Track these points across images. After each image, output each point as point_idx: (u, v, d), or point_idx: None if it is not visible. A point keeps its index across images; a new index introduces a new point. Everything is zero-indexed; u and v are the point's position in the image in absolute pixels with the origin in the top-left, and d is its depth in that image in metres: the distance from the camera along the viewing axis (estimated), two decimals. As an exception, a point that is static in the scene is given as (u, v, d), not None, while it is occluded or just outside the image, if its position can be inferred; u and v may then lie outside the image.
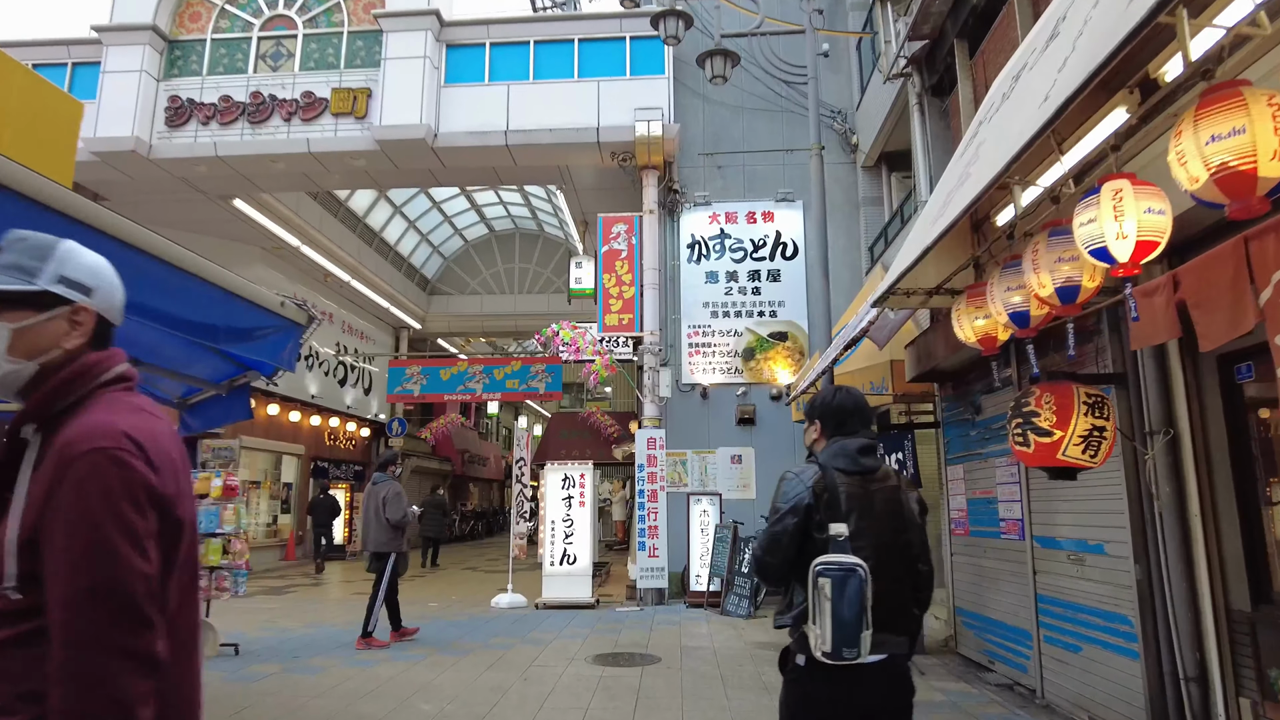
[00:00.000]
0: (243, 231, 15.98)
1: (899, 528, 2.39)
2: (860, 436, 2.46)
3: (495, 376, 19.27)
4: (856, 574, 2.19)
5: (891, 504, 2.40)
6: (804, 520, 2.31)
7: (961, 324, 4.11)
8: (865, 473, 2.40)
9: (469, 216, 23.63)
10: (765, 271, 12.28)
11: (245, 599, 11.64)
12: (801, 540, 2.31)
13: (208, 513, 7.02)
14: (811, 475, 2.37)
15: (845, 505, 2.32)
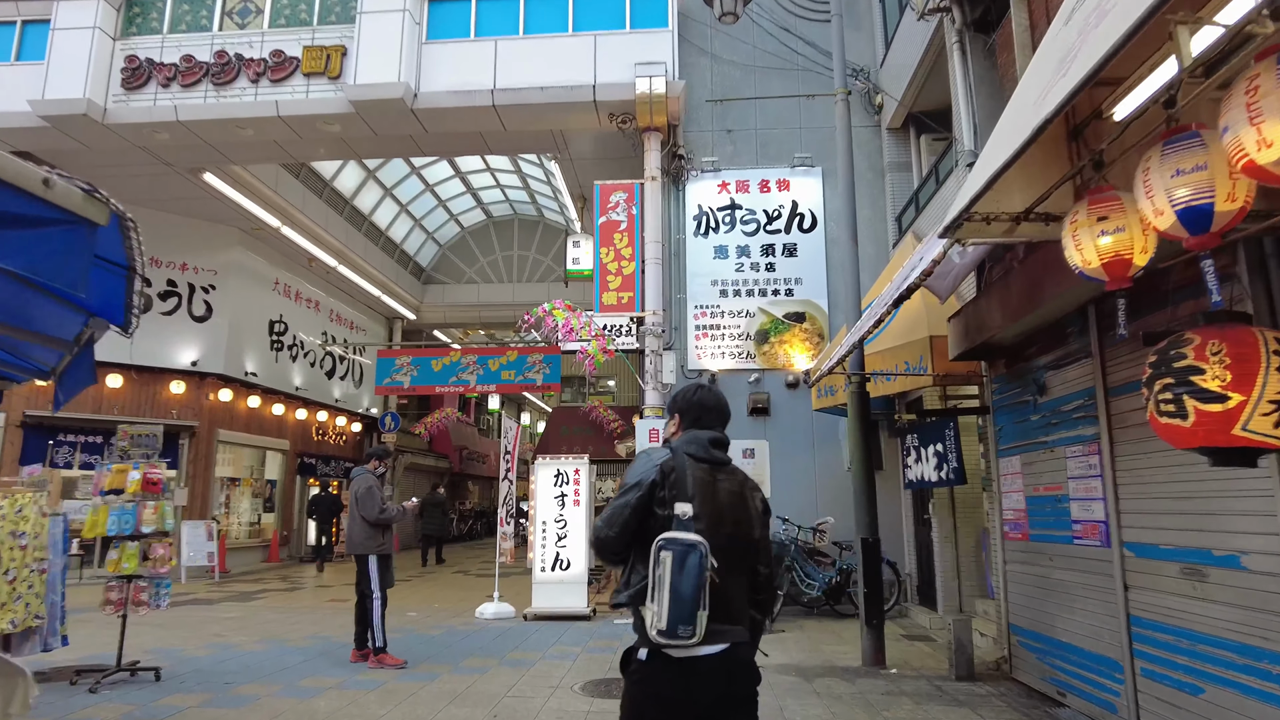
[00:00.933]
0: (219, 211, 14.91)
1: (740, 519, 2.41)
2: (715, 431, 2.51)
3: (490, 368, 18.14)
4: (697, 550, 2.18)
5: (735, 496, 2.43)
6: (647, 496, 2.33)
7: (1079, 243, 2.93)
8: (715, 463, 2.44)
9: (465, 201, 22.52)
10: (780, 246, 11.11)
11: (205, 606, 10.58)
12: (644, 516, 2.33)
13: (123, 511, 5.90)
14: (662, 455, 2.41)
15: (691, 488, 2.33)
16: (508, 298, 23.11)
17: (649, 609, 2.19)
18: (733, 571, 2.34)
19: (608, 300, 10.58)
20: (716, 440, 2.49)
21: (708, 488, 2.37)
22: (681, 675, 2.22)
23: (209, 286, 15.30)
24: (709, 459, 2.43)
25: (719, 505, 2.37)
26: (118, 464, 6.03)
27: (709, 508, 2.33)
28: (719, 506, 2.36)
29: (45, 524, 6.04)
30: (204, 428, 15.16)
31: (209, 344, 15.14)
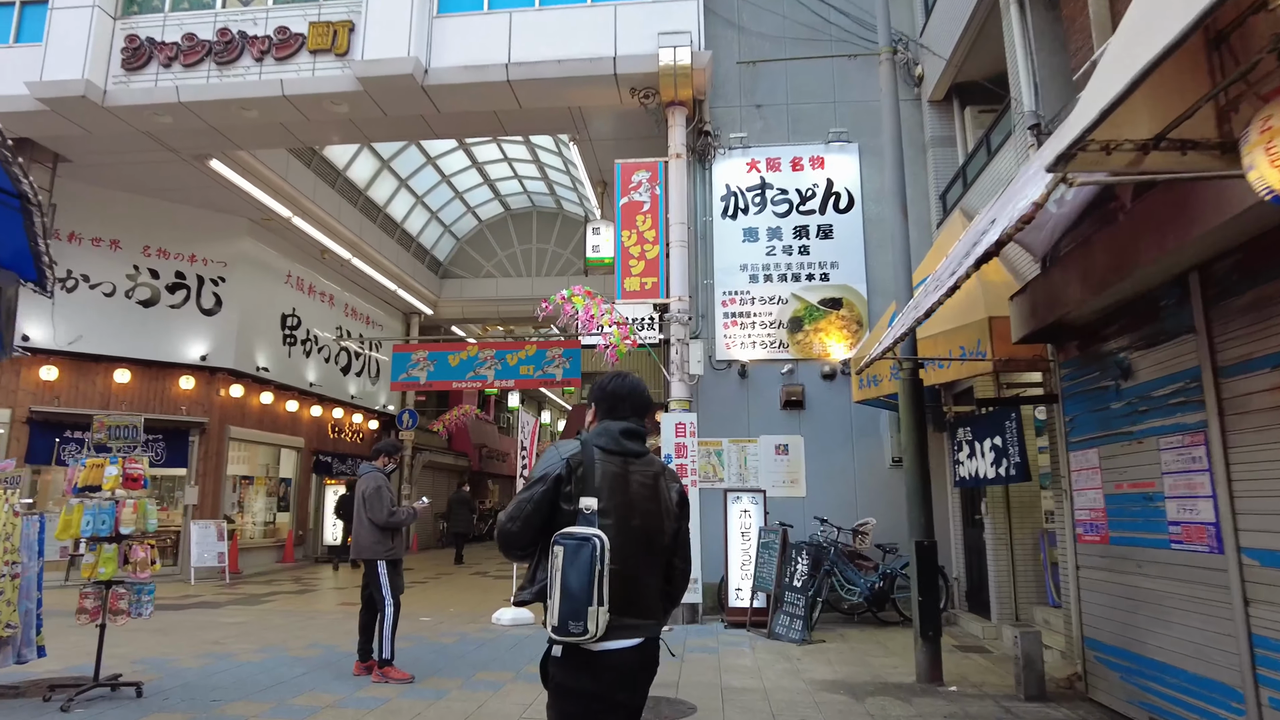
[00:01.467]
0: (228, 200, 14.45)
1: (652, 513, 2.37)
2: (629, 422, 2.45)
3: (508, 362, 17.62)
4: (590, 544, 2.14)
5: (648, 489, 2.39)
6: (553, 490, 2.29)
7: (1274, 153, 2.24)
8: (626, 454, 2.39)
9: (482, 193, 21.98)
10: (814, 227, 10.41)
11: (210, 610, 10.07)
12: (550, 511, 2.29)
13: (100, 510, 5.35)
14: (570, 448, 2.36)
15: (598, 481, 2.29)
16: (526, 292, 22.54)
17: (549, 604, 2.17)
18: (646, 564, 2.32)
19: (630, 286, 9.94)
20: (629, 431, 2.43)
21: (617, 480, 2.33)
22: (595, 670, 2.20)
23: (218, 279, 14.85)
24: (620, 450, 2.39)
25: (629, 498, 2.33)
26: (93, 458, 5.48)
27: (617, 500, 2.30)
28: (629, 499, 2.33)
29: (18, 524, 5.51)
30: (215, 424, 14.71)
31: (219, 338, 14.70)
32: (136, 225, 14.04)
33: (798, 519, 9.26)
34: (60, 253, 13.22)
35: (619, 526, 2.25)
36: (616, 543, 2.21)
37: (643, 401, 2.52)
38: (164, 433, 14.08)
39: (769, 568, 8.38)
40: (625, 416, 2.47)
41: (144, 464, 5.69)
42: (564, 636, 2.15)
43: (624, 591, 2.19)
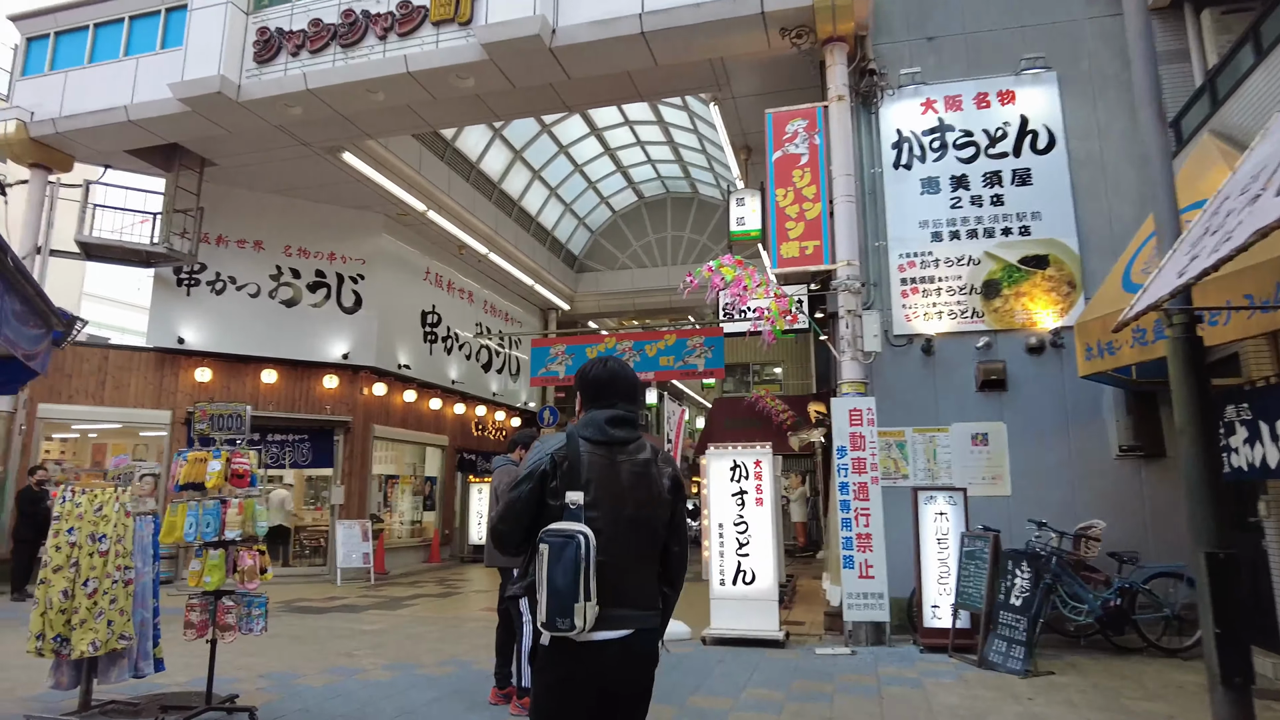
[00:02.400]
0: (364, 196, 14.29)
1: (642, 501, 2.33)
2: (616, 409, 2.41)
3: (647, 353, 16.64)
4: (575, 541, 2.14)
5: (637, 477, 2.34)
6: (539, 487, 2.28)
7: None
8: (614, 443, 2.36)
9: (615, 182, 21.23)
10: (1009, 173, 8.73)
11: (350, 614, 9.62)
12: (538, 508, 2.27)
13: (205, 511, 4.69)
14: (555, 443, 2.34)
15: (585, 474, 2.27)
16: (662, 281, 21.61)
17: (538, 600, 2.16)
18: (637, 555, 2.30)
19: (787, 252, 8.64)
20: (616, 419, 2.39)
21: (606, 470, 2.31)
22: (582, 660, 2.18)
23: (357, 276, 14.74)
24: (607, 440, 2.35)
25: (619, 488, 2.30)
26: (195, 451, 4.85)
27: (606, 491, 2.28)
28: (619, 489, 2.30)
29: (130, 525, 4.94)
30: (359, 423, 14.60)
31: (360, 336, 14.57)
32: (278, 226, 14.11)
33: (1002, 522, 7.65)
34: (209, 255, 13.44)
35: (609, 518, 2.24)
36: (607, 534, 2.20)
37: (629, 386, 2.48)
38: (309, 432, 14.07)
39: (976, 581, 6.87)
40: (612, 404, 2.42)
41: (251, 459, 5.02)
42: (553, 631, 2.14)
43: (614, 583, 2.19)
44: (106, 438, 14.96)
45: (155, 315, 13.07)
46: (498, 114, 11.50)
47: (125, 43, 11.65)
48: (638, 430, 2.44)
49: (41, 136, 11.82)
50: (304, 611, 9.88)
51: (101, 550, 4.83)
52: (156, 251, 12.15)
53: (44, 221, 12.13)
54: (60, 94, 11.72)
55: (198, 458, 4.79)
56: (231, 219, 13.72)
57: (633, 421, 2.43)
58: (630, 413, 2.43)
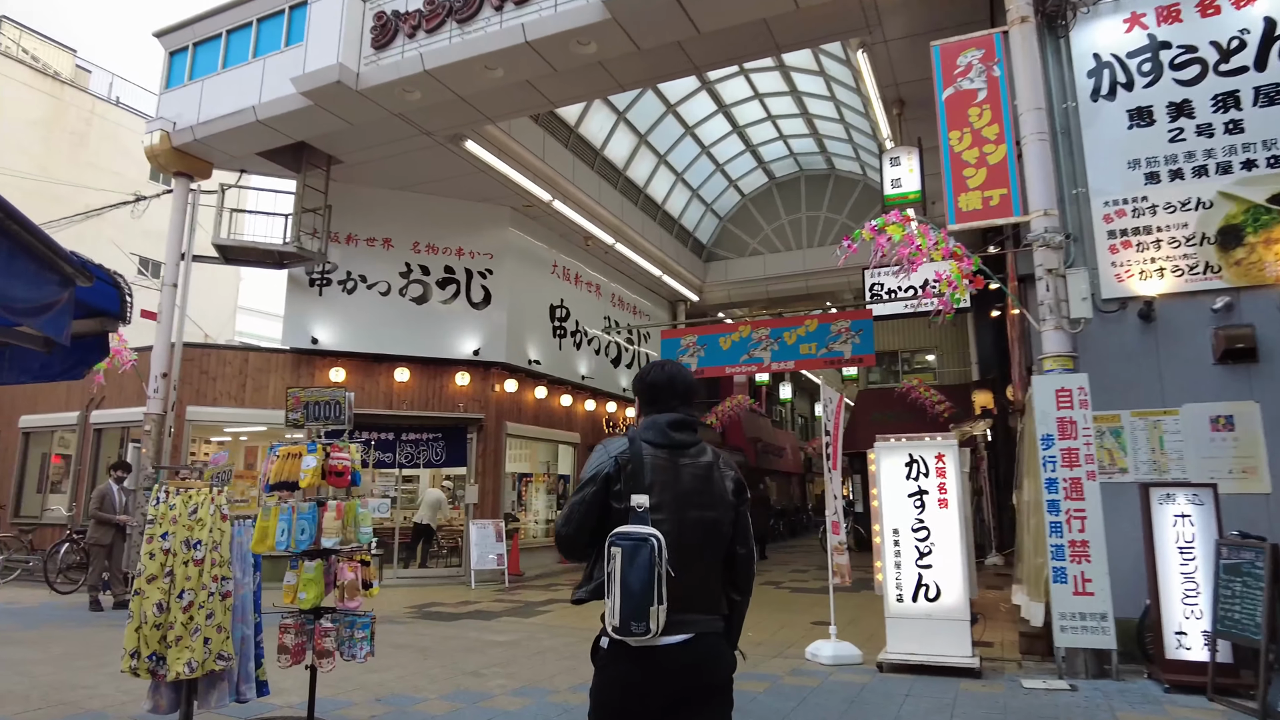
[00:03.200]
0: (489, 189, 13.90)
1: (706, 504, 2.30)
2: (676, 412, 2.40)
3: (786, 341, 15.46)
4: (649, 544, 2.11)
5: (700, 481, 2.32)
6: (603, 490, 2.26)
7: None
8: (676, 447, 2.33)
9: (744, 163, 20.10)
10: (1250, 92, 7.00)
11: (481, 621, 9.03)
12: (602, 511, 2.25)
13: (299, 515, 4.04)
14: (618, 446, 2.32)
15: (649, 477, 2.25)
16: (797, 266, 20.29)
17: (607, 604, 2.13)
18: (701, 559, 2.27)
19: (967, 204, 7.28)
20: (676, 422, 2.37)
21: (668, 474, 2.28)
22: (642, 664, 2.16)
23: (485, 271, 14.37)
24: (669, 443, 2.33)
25: (682, 492, 2.28)
26: (287, 445, 4.21)
27: (670, 495, 2.25)
28: (682, 493, 2.28)
29: (227, 530, 4.37)
30: (491, 420, 14.23)
31: (490, 332, 14.19)
32: (406, 222, 13.94)
33: (1263, 526, 6.04)
34: (339, 255, 13.39)
35: (673, 521, 2.22)
36: (672, 538, 2.17)
37: (686, 388, 2.46)
38: (443, 430, 13.81)
39: (1245, 604, 5.35)
40: (672, 407, 2.41)
41: (353, 453, 4.35)
42: (626, 636, 2.10)
43: (677, 587, 2.14)
44: (254, 440, 15.33)
45: (289, 316, 13.15)
46: (621, 82, 10.67)
47: (254, 45, 11.69)
48: (698, 433, 2.44)
49: (183, 145, 12.06)
50: (435, 618, 9.41)
51: (196, 559, 4.29)
52: (288, 251, 12.16)
53: (187, 228, 12.39)
54: (198, 102, 11.91)
55: (290, 453, 4.16)
56: (360, 217, 13.65)
57: (693, 425, 2.42)
58: (690, 416, 2.42)
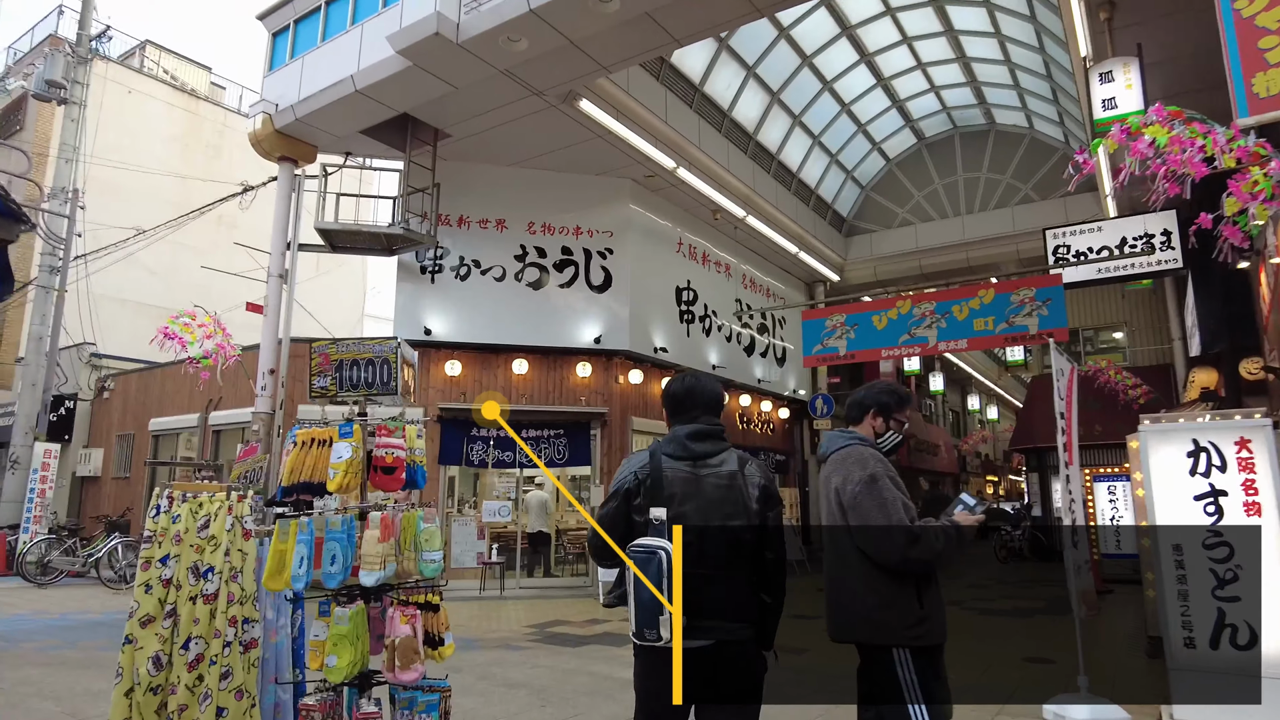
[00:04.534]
0: (607, 159, 12.56)
1: (728, 514, 2.37)
2: (698, 422, 2.49)
3: (955, 316, 13.30)
4: (657, 556, 2.21)
5: (722, 490, 2.39)
6: (624, 505, 2.40)
7: None
8: (695, 458, 2.43)
9: (889, 122, 17.89)
10: None
11: (609, 648, 7.55)
12: (626, 523, 2.38)
13: (329, 534, 2.64)
14: (639, 460, 2.47)
15: (668, 489, 2.35)
16: (956, 235, 17.88)
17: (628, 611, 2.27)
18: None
19: (1268, 87, 5.14)
20: (696, 433, 2.47)
21: (688, 485, 2.37)
22: (669, 666, 2.24)
23: (605, 251, 13.02)
24: (687, 455, 2.43)
25: (704, 502, 2.36)
26: (308, 429, 2.82)
27: (691, 506, 2.34)
28: (702, 503, 2.36)
29: (251, 552, 3.04)
30: (615, 414, 12.86)
31: (612, 318, 12.83)
32: (519, 201, 12.78)
33: None
34: (451, 238, 12.40)
35: (696, 532, 2.30)
36: (695, 547, 2.28)
37: (709, 397, 2.55)
38: (564, 426, 12.54)
39: None
40: (694, 417, 2.50)
41: (411, 439, 2.93)
42: (642, 641, 2.23)
43: (700, 594, 2.25)
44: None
45: (401, 306, 12.24)
46: (757, 4, 8.98)
47: (351, 10, 10.79)
48: (722, 442, 2.49)
49: (285, 127, 11.34)
50: (558, 641, 8.05)
51: (207, 593, 2.98)
52: (394, 233, 11.21)
53: (292, 215, 11.70)
54: (298, 80, 11.16)
55: (313, 438, 2.77)
56: (471, 198, 12.61)
57: (714, 434, 2.48)
58: (712, 425, 2.50)
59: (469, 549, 12.02)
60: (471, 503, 13.67)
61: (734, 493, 2.38)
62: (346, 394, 3.04)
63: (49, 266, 15.85)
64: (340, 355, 3.08)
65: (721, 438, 2.49)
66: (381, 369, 3.02)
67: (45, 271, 15.87)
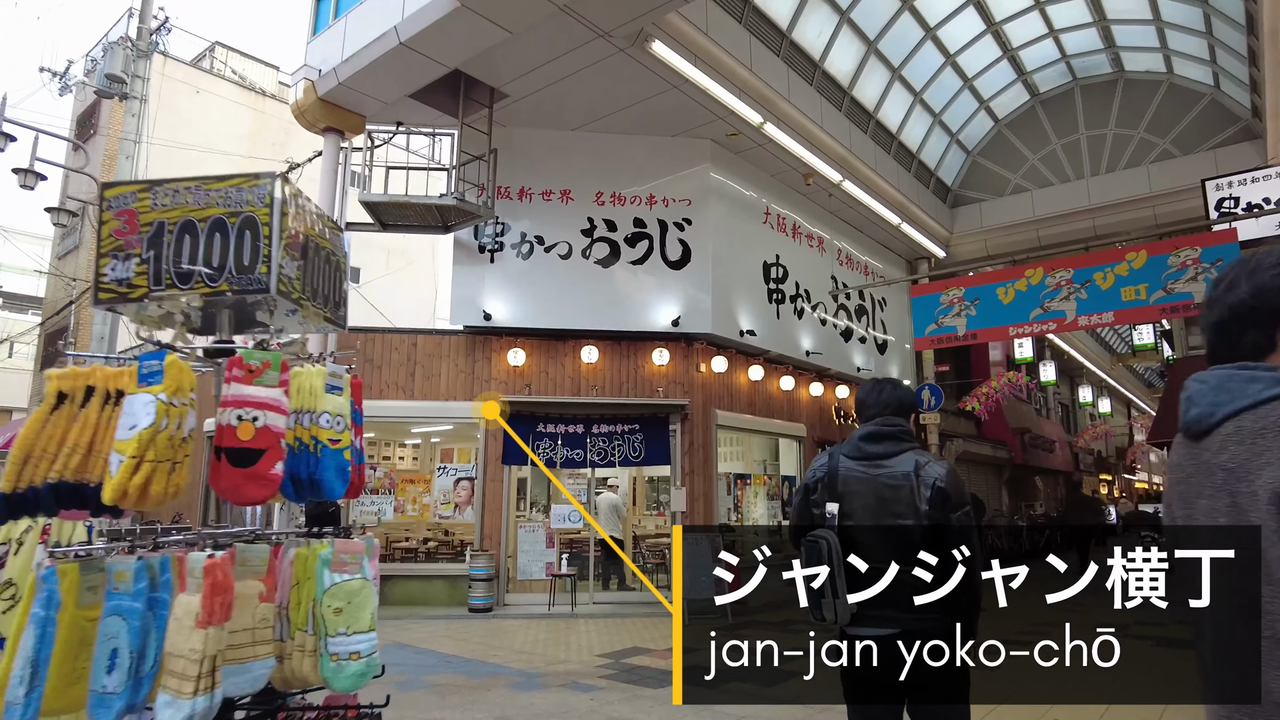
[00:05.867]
0: (687, 118, 11.09)
1: (898, 513, 2.51)
2: (873, 424, 2.66)
3: (1098, 286, 11.37)
4: (819, 544, 2.42)
5: (892, 490, 2.53)
6: (804, 498, 2.70)
7: None
8: (869, 458, 2.60)
9: (998, 76, 15.83)
10: None
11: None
12: (809, 516, 2.64)
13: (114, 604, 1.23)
14: (820, 461, 2.73)
15: (841, 487, 2.58)
16: (1080, 200, 15.69)
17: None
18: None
19: None
20: (871, 435, 2.64)
21: (862, 484, 2.57)
22: (849, 650, 2.38)
23: (683, 221, 11.52)
24: (861, 455, 2.62)
25: (873, 500, 2.55)
26: (65, 371, 1.37)
27: (861, 504, 2.55)
28: (872, 501, 2.55)
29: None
30: (697, 407, 11.36)
31: (691, 297, 11.32)
32: (585, 169, 11.42)
33: None
34: (511, 213, 11.13)
35: (863, 529, 2.50)
36: (864, 542, 2.45)
37: (890, 400, 2.70)
38: (640, 421, 11.10)
39: None
40: (872, 418, 2.67)
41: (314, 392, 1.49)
42: (815, 620, 2.42)
43: (873, 585, 2.37)
44: (450, 440, 13.54)
45: (458, 289, 11.03)
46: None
47: (394, -44, 9.64)
48: (902, 443, 2.61)
49: (328, 94, 10.28)
50: (636, 679, 6.60)
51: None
52: (447, 205, 9.99)
53: (339, 190, 10.63)
54: (341, 42, 10.07)
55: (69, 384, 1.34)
56: (533, 167, 11.31)
57: (892, 435, 2.62)
58: (888, 427, 2.63)
59: (537, 559, 10.72)
60: (542, 506, 12.39)
61: (904, 492, 2.52)
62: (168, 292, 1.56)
63: (109, 264, 15.39)
64: (162, 212, 1.62)
65: (900, 438, 2.62)
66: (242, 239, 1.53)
67: (106, 269, 15.42)
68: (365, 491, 10.84)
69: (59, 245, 21.35)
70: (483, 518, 10.70)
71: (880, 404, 2.68)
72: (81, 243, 19.27)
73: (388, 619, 9.48)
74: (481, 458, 10.90)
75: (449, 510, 10.89)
